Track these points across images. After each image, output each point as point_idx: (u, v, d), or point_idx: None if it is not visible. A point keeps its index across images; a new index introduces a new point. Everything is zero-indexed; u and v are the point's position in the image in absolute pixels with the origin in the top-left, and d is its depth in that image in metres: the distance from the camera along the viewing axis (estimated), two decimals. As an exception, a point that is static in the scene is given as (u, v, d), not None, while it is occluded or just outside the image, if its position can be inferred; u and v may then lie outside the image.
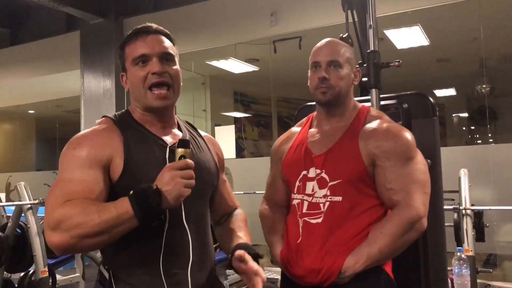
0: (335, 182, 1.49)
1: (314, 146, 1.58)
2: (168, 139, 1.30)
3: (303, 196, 1.54)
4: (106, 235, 1.10)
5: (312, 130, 1.64)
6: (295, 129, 1.73)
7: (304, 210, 1.52)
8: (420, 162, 1.50)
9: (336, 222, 1.46)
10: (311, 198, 1.52)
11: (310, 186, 1.53)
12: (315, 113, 1.68)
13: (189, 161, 1.15)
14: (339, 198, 1.48)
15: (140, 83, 1.26)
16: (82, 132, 1.27)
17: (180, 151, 1.16)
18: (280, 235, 1.61)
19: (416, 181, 1.45)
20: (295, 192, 1.58)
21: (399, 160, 1.46)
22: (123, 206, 1.10)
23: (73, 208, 1.11)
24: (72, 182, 1.16)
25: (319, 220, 1.48)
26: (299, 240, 1.51)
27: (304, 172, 1.56)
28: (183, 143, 1.18)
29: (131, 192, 1.11)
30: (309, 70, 1.59)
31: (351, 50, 1.62)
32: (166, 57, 1.27)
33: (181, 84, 1.33)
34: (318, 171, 1.53)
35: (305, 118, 1.73)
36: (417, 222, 1.42)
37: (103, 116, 1.33)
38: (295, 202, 1.57)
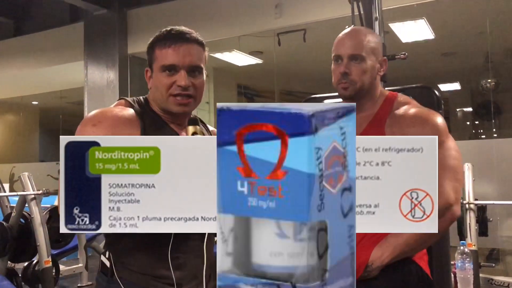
0: None
1: None
2: (184, 134, 1.31)
3: None
4: None
5: None
6: None
7: None
8: (451, 147, 1.43)
9: None
10: None
11: None
12: None
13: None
14: None
15: (164, 90, 1.26)
16: (101, 109, 1.26)
17: (191, 128, 1.24)
18: None
19: (446, 167, 1.38)
20: None
21: None
22: None
23: None
24: None
25: None
26: None
27: None
28: (193, 121, 1.27)
29: None
30: (332, 63, 1.53)
31: (377, 38, 1.54)
32: (194, 69, 1.26)
33: (204, 91, 1.33)
34: None
35: None
36: (447, 211, 1.35)
37: (122, 98, 1.32)
38: None
